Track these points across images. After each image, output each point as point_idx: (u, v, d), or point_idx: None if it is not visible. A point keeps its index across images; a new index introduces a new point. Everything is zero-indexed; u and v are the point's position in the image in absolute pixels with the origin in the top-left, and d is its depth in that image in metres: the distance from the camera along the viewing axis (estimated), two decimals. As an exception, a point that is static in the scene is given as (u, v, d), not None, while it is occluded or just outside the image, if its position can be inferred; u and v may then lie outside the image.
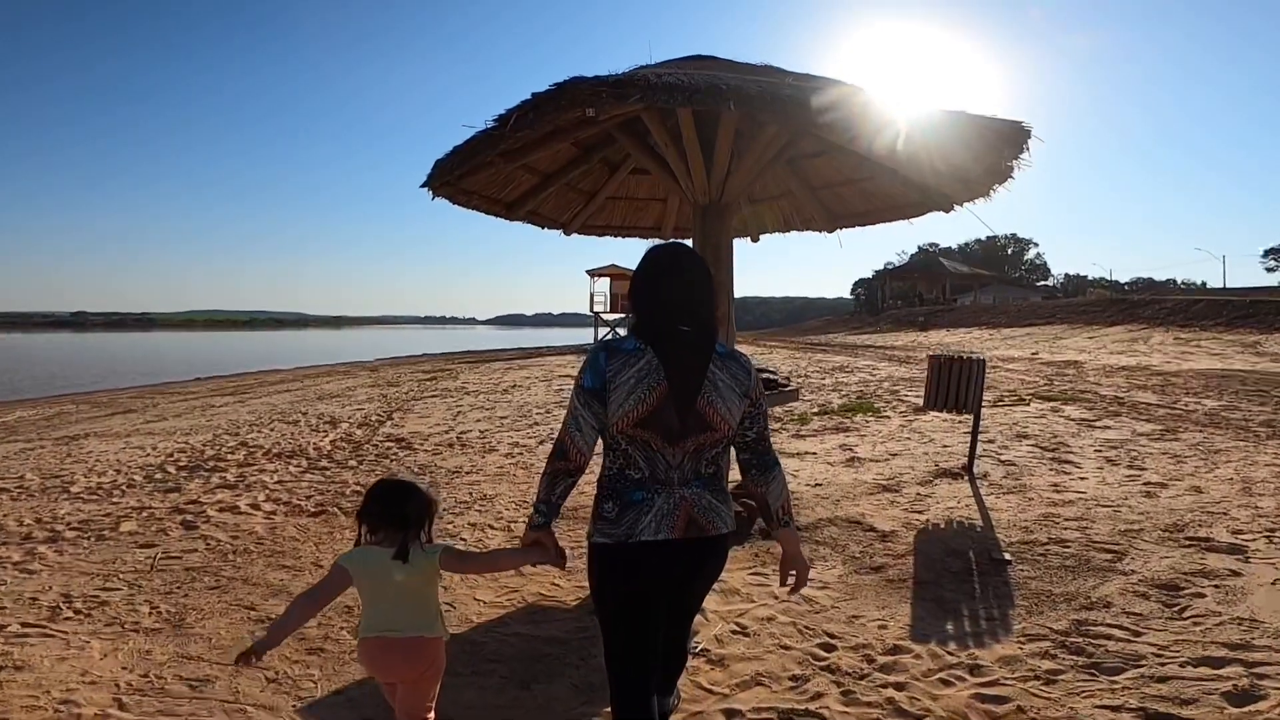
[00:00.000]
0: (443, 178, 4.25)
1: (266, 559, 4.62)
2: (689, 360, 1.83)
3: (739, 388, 1.88)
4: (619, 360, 1.82)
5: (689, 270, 1.93)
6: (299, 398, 14.81)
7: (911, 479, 6.41)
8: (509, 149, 3.84)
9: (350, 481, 6.66)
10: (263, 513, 5.65)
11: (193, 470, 7.24)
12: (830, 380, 14.48)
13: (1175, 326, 23.37)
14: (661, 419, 1.79)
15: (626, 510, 1.81)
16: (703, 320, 1.90)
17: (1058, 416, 9.20)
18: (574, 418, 1.84)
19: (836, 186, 5.80)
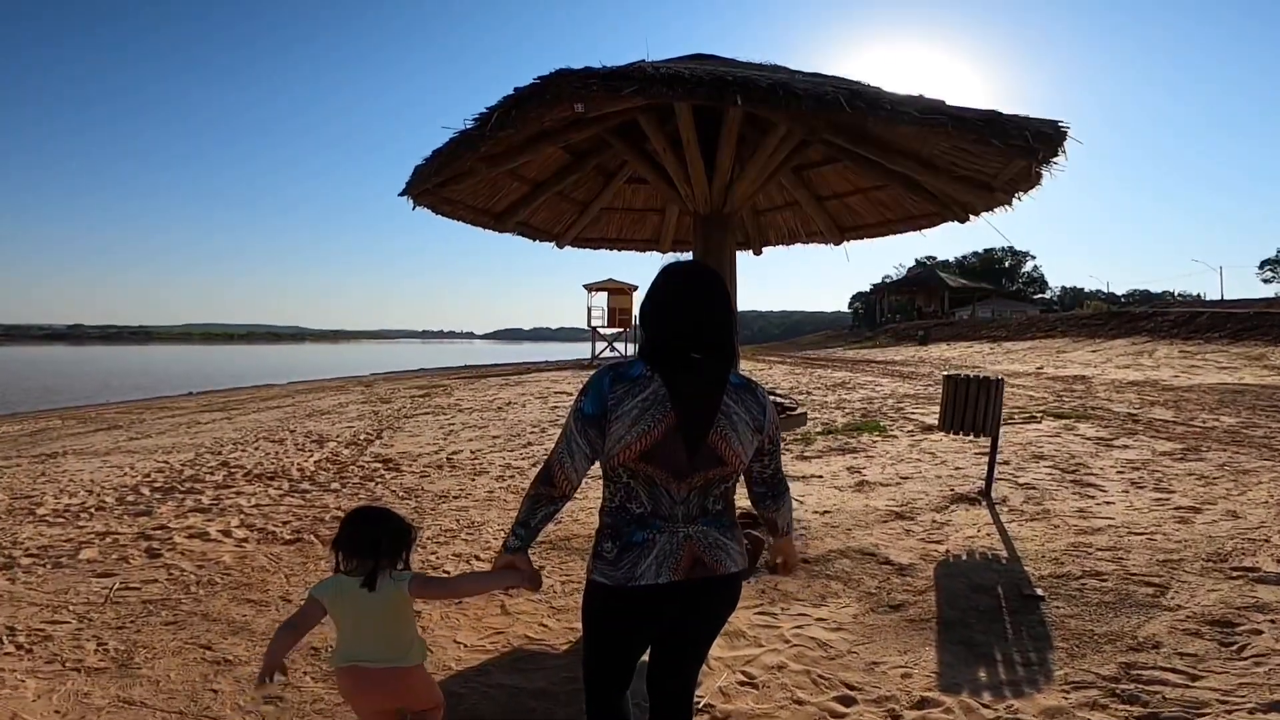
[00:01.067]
0: (422, 185, 3.93)
1: (231, 592, 4.30)
2: (701, 391, 1.70)
3: (753, 421, 1.75)
4: (623, 387, 1.68)
5: (708, 292, 1.79)
6: (288, 414, 14.56)
7: (926, 505, 6.05)
8: (492, 152, 3.53)
9: (331, 506, 6.35)
10: (234, 540, 5.33)
11: (167, 492, 6.98)
12: (833, 397, 14.15)
13: (1179, 339, 23.08)
14: (667, 453, 1.67)
15: (626, 552, 1.70)
16: (719, 347, 1.76)
17: (1072, 435, 8.86)
18: (568, 443, 1.72)
19: (845, 196, 5.50)
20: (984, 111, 3.07)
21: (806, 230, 6.10)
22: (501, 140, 3.35)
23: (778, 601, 4.16)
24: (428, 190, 4.17)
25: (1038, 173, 3.73)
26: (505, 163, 3.81)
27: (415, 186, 3.94)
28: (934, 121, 2.94)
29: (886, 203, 5.37)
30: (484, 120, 3.14)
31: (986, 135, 3.01)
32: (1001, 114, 3.08)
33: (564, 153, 4.85)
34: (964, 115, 3.00)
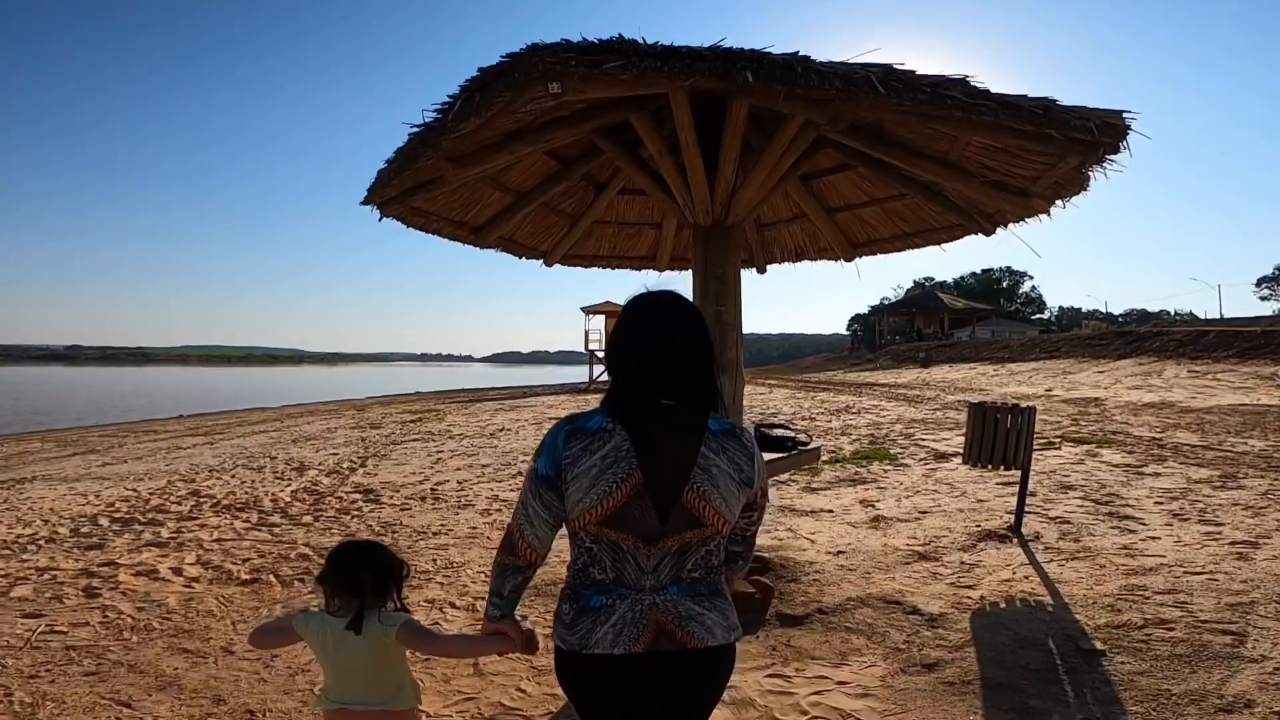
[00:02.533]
0: (384, 192, 3.47)
1: (168, 639, 3.92)
2: (673, 443, 1.48)
3: (739, 475, 1.52)
4: (580, 442, 1.48)
5: (681, 326, 1.56)
6: (273, 439, 14.28)
7: (951, 543, 5.54)
8: (459, 151, 3.08)
9: (299, 542, 5.94)
10: (184, 579, 4.96)
11: (126, 523, 6.66)
12: (838, 423, 13.65)
13: (1186, 359, 22.62)
14: (633, 517, 1.46)
15: (582, 616, 1.51)
16: (695, 390, 1.54)
17: (1097, 462, 8.36)
18: (524, 507, 1.55)
19: (857, 208, 5.05)
20: (1038, 99, 2.60)
21: (815, 246, 5.65)
22: (468, 137, 2.91)
23: (791, 661, 3.66)
24: (394, 199, 3.72)
25: (1084, 175, 3.27)
26: (476, 164, 3.35)
27: (377, 194, 3.48)
28: (982, 109, 2.48)
29: (903, 214, 4.92)
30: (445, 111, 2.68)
31: (1044, 126, 2.55)
32: (1058, 101, 2.62)
33: (549, 159, 4.41)
34: (1017, 103, 2.54)
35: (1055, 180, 3.43)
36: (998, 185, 3.72)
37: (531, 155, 4.23)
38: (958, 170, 3.77)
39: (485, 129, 2.90)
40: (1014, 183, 3.67)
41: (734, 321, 3.91)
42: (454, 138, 2.80)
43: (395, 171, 3.17)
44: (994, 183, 3.73)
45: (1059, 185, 3.50)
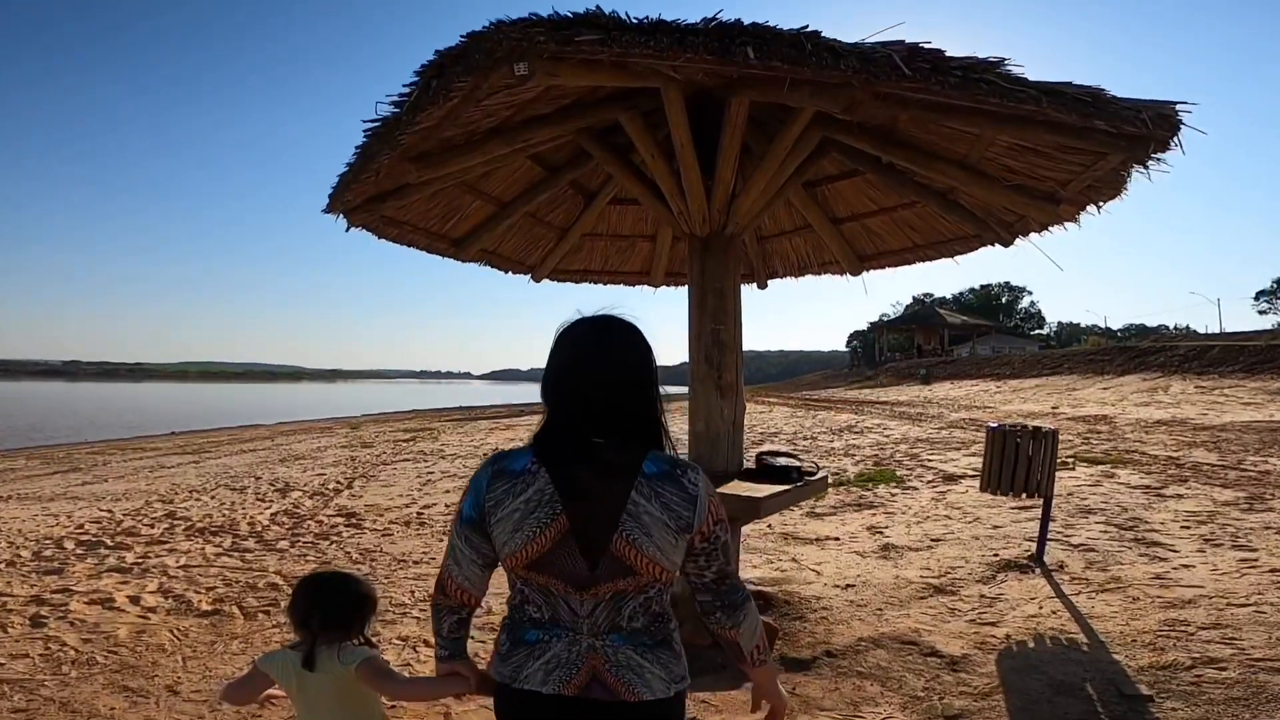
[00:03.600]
0: (346, 199, 3.14)
1: (110, 675, 3.65)
2: (599, 488, 1.39)
3: (675, 521, 1.39)
4: (503, 484, 1.42)
5: (610, 354, 1.45)
6: (261, 458, 14.00)
7: (968, 575, 5.16)
8: (423, 150, 2.76)
9: (271, 569, 5.65)
10: (140, 609, 4.67)
11: (93, 546, 6.41)
12: (840, 443, 13.28)
13: (1192, 374, 22.33)
14: (561, 563, 1.39)
15: (517, 649, 1.44)
16: (629, 428, 1.44)
17: (1115, 484, 8.00)
18: (452, 549, 1.50)
19: (865, 217, 4.72)
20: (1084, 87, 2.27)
21: (819, 259, 5.32)
22: (431, 133, 2.60)
23: (798, 713, 3.32)
24: (362, 207, 3.39)
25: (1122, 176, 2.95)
26: (444, 165, 3.02)
27: (338, 201, 3.15)
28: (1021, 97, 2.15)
29: (914, 224, 4.60)
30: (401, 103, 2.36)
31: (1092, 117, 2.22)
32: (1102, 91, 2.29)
33: (533, 165, 4.09)
34: (1060, 90, 2.21)
35: (1090, 183, 3.10)
36: (1023, 190, 3.40)
37: (513, 161, 3.92)
38: (978, 174, 3.45)
39: (450, 124, 2.58)
40: (1042, 187, 3.34)
41: (733, 341, 3.57)
42: (414, 134, 2.48)
43: (354, 174, 2.84)
44: (1019, 187, 3.41)
45: (1093, 189, 3.18)
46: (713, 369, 3.51)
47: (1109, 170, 2.91)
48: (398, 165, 2.77)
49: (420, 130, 2.50)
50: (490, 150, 3.05)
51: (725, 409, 3.56)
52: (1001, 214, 3.95)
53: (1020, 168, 3.32)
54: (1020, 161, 3.27)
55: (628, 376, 1.43)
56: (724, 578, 1.48)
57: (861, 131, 3.61)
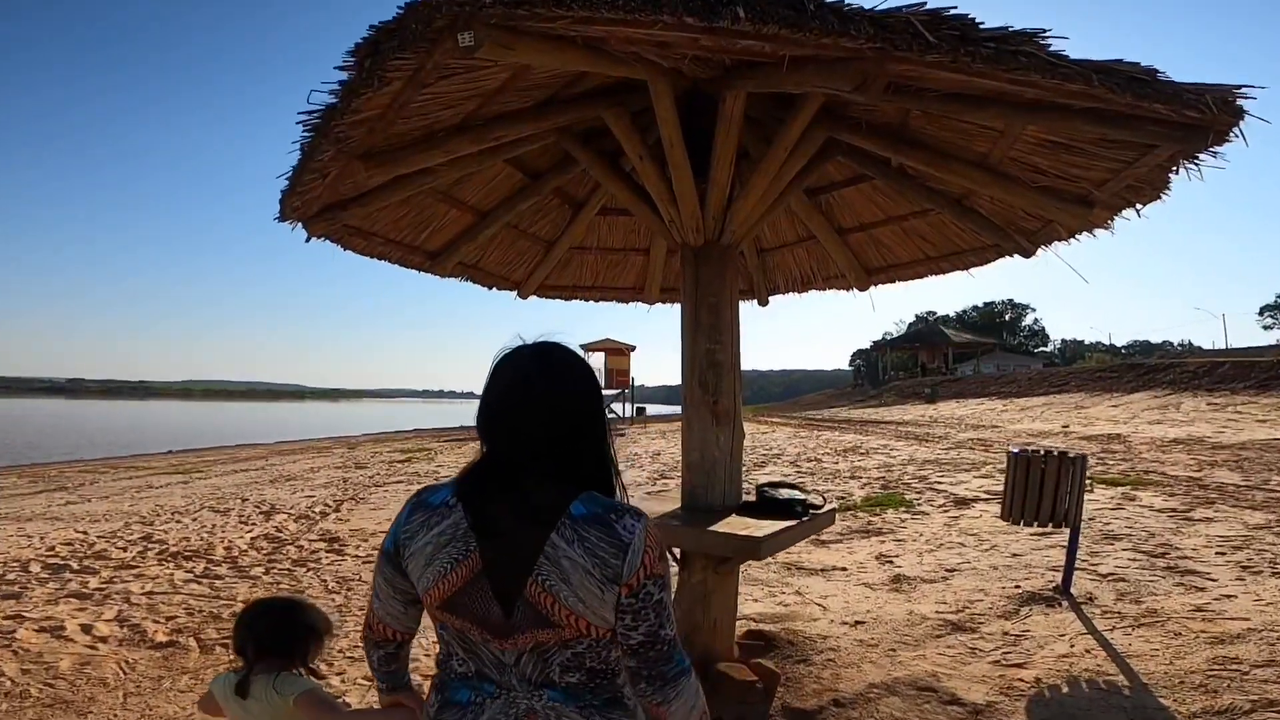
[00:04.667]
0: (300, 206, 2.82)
1: (41, 710, 3.49)
2: (516, 526, 1.26)
3: (601, 571, 1.22)
4: (421, 516, 1.32)
5: (552, 387, 1.32)
6: (252, 479, 13.73)
7: (989, 609, 4.78)
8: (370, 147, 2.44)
9: (240, 597, 5.43)
10: (90, 638, 4.48)
11: (58, 570, 6.22)
12: (845, 465, 12.89)
13: (1203, 391, 21.92)
14: (474, 605, 1.26)
15: (447, 710, 1.32)
16: (568, 467, 1.30)
17: (1138, 506, 7.62)
18: (374, 584, 1.43)
19: (873, 227, 4.39)
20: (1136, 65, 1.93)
21: (824, 273, 4.99)
22: (378, 125, 2.28)
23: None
24: (320, 215, 3.07)
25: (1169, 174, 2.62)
26: (399, 164, 2.69)
27: (290, 208, 2.82)
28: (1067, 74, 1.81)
29: (926, 234, 4.27)
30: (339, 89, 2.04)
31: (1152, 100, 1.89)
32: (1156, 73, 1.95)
33: (513, 170, 3.77)
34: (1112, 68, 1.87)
35: (1130, 182, 2.77)
36: (1051, 193, 3.07)
37: (490, 166, 3.60)
38: (1000, 175, 3.12)
39: (398, 113, 2.26)
40: (1073, 188, 3.01)
41: (731, 361, 3.22)
42: (356, 126, 2.17)
43: (297, 176, 2.52)
44: (1046, 189, 3.08)
45: (1133, 189, 2.84)
46: (708, 394, 3.17)
47: (1153, 167, 2.57)
48: (346, 164, 2.45)
49: (362, 121, 2.19)
50: (455, 148, 2.73)
51: (722, 437, 3.21)
52: (1023, 221, 3.62)
53: (1049, 167, 2.99)
54: (1050, 159, 2.94)
55: (570, 408, 1.32)
56: (655, 643, 1.28)
57: (870, 131, 3.30)
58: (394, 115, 2.25)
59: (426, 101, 2.37)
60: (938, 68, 1.90)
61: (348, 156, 2.43)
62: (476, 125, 2.74)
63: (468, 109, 2.65)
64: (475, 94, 2.52)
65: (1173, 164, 2.50)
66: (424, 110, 2.46)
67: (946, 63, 1.78)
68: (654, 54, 2.45)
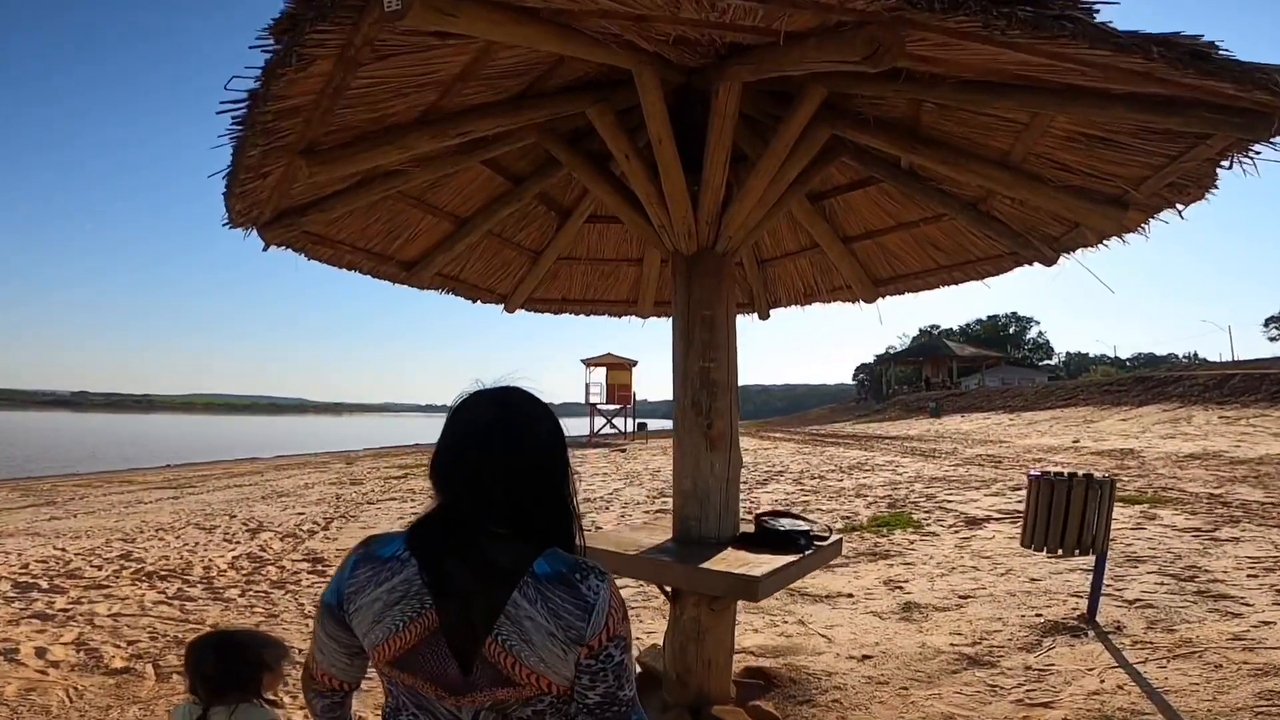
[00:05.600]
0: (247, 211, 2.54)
1: None
2: (476, 584, 1.21)
3: (565, 632, 1.19)
4: (368, 569, 1.25)
5: (513, 434, 1.26)
6: (244, 494, 13.63)
7: (1009, 641, 4.46)
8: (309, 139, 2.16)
9: (207, 621, 5.29)
10: (42, 663, 4.32)
11: (26, 589, 6.06)
12: (850, 482, 12.54)
13: (1214, 404, 21.57)
14: (429, 663, 1.22)
15: None
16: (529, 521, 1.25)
17: (1160, 526, 7.29)
18: (316, 633, 1.35)
19: (880, 234, 4.10)
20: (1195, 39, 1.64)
21: (829, 285, 4.69)
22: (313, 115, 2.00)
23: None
24: (276, 221, 2.79)
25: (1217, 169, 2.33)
26: (347, 162, 2.38)
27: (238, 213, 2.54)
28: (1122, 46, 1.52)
29: (938, 242, 3.97)
30: (260, 74, 1.77)
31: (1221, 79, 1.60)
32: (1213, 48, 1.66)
33: (493, 174, 3.49)
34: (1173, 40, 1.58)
35: (1174, 179, 2.47)
36: (1080, 193, 2.77)
37: (467, 168, 3.33)
38: (1023, 175, 2.83)
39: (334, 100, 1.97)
40: (1106, 187, 2.71)
41: (727, 380, 2.92)
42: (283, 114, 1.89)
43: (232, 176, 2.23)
44: (1076, 189, 2.78)
45: (1176, 187, 2.54)
46: (701, 416, 2.87)
47: (1202, 161, 2.28)
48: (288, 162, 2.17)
49: (294, 110, 1.92)
50: (412, 143, 2.45)
51: (717, 463, 2.91)
52: (1046, 226, 3.33)
53: (1080, 163, 2.69)
54: (1081, 155, 2.64)
55: (530, 459, 1.27)
56: (611, 703, 1.26)
57: (878, 127, 3.02)
58: (331, 103, 1.97)
59: (370, 87, 2.09)
60: (963, 36, 1.62)
61: (288, 152, 2.15)
62: (438, 119, 2.46)
63: (427, 100, 2.37)
64: (432, 81, 2.25)
65: (1224, 157, 2.21)
66: (371, 99, 2.19)
67: (975, 29, 1.50)
68: (633, 32, 2.18)
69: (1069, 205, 2.81)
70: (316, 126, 2.09)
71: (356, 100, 2.12)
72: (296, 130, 2.08)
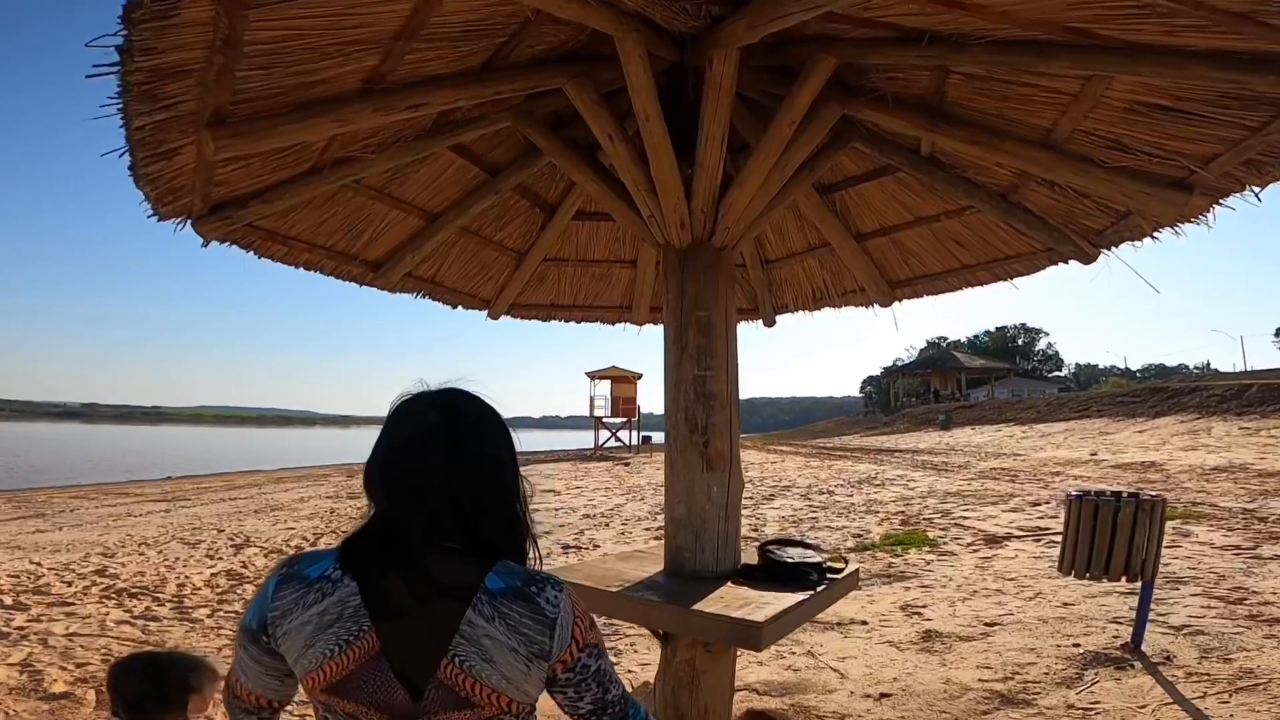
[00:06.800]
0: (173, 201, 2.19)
1: None
2: (421, 604, 1.13)
3: (527, 647, 1.14)
4: (293, 591, 1.16)
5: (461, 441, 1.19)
6: (236, 508, 13.46)
7: (1045, 675, 4.05)
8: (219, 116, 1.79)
9: (167, 644, 5.18)
10: None
11: None
12: (860, 497, 12.12)
13: (1232, 415, 21.05)
14: (371, 689, 1.13)
15: None
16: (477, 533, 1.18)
17: (1195, 543, 6.88)
18: (239, 656, 1.25)
19: (896, 230, 3.73)
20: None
21: (840, 288, 4.31)
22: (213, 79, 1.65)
23: None
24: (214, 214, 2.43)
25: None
26: (267, 136, 2.00)
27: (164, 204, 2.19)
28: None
29: (962, 238, 3.59)
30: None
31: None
32: None
33: (466, 164, 3.13)
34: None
35: (1254, 154, 2.09)
36: (1136, 175, 2.39)
37: (437, 158, 2.98)
38: (1067, 157, 2.45)
39: (235, 59, 1.61)
40: (1166, 169, 2.33)
41: (726, 392, 2.54)
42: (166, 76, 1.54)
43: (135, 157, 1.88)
44: (1128, 171, 2.40)
45: (1254, 165, 2.16)
46: (697, 433, 2.49)
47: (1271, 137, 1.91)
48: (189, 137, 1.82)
49: (175, 70, 1.56)
50: (351, 116, 2.08)
51: (715, 487, 2.52)
52: (1086, 218, 2.94)
53: (1139, 140, 2.30)
54: (1141, 130, 2.25)
55: (477, 467, 1.18)
56: (605, 707, 1.24)
57: (896, 105, 2.66)
58: (227, 60, 1.62)
59: (281, 43, 1.73)
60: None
61: (193, 125, 1.79)
62: (384, 90, 2.11)
63: (365, 65, 2.02)
64: (363, 39, 1.89)
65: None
66: (288, 60, 1.82)
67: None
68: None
69: (1124, 190, 2.42)
70: (220, 92, 1.73)
71: (268, 60, 1.77)
72: (192, 96, 1.73)
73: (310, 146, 2.43)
